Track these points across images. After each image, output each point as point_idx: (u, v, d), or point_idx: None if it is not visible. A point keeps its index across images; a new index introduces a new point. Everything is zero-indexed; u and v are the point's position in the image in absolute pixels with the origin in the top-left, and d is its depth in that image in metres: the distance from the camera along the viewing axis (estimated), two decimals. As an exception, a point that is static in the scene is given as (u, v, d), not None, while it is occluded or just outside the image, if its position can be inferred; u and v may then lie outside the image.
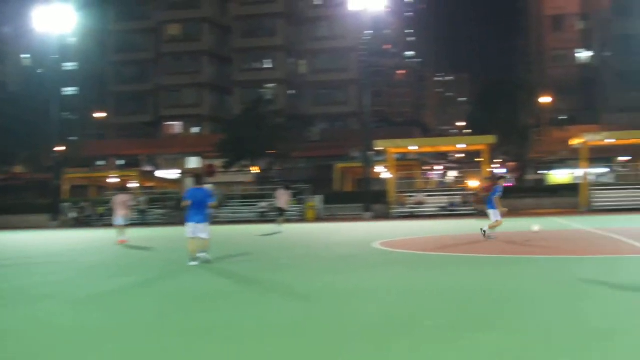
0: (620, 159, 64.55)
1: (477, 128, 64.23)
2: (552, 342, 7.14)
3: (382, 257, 17.95)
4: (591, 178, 52.25)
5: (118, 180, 60.93)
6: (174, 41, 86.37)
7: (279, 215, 33.30)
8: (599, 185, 51.87)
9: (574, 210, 46.54)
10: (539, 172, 73.82)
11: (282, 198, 33.13)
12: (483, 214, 43.20)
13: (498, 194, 21.63)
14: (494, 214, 21.61)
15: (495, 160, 70.78)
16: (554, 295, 10.33)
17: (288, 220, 38.51)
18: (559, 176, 71.25)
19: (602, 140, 50.70)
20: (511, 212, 44.89)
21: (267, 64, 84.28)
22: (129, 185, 58.95)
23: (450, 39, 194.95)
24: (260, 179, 66.43)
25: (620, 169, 60.86)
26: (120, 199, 26.81)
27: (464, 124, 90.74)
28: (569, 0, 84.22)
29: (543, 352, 6.78)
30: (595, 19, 79.16)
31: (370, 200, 49.09)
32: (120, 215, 26.31)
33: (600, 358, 6.58)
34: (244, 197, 56.17)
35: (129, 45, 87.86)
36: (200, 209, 16.03)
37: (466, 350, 6.99)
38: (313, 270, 15.29)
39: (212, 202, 16.53)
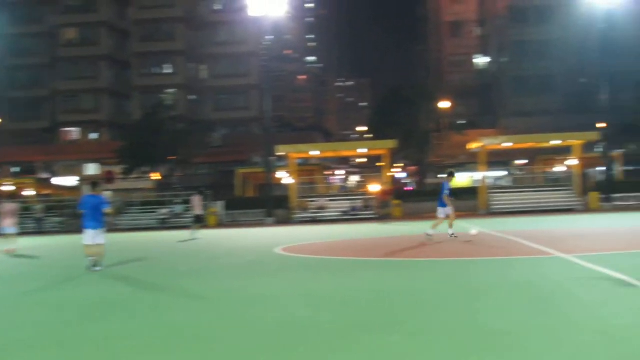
0: (518, 162, 66.14)
1: (378, 133, 64.78)
2: (451, 344, 7.19)
3: (285, 262, 17.88)
4: (490, 181, 53.31)
5: (13, 188, 59.11)
6: (71, 45, 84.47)
7: (194, 222, 32.78)
8: (497, 188, 52.96)
9: (473, 213, 47.35)
10: (439, 176, 74.91)
11: (198, 204, 32.66)
12: (385, 218, 43.83)
13: (446, 192, 21.83)
14: (442, 212, 21.77)
15: (396, 165, 71.60)
16: (454, 297, 10.45)
17: (187, 227, 37.99)
18: (458, 180, 72.39)
19: (500, 144, 51.75)
20: (412, 216, 45.57)
21: (167, 69, 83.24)
22: (23, 193, 57.26)
23: (351, 44, 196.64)
24: (160, 186, 65.52)
25: (518, 172, 62.38)
26: (7, 207, 26.04)
27: (365, 128, 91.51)
28: (466, 7, 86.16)
29: (442, 354, 6.82)
30: (492, 25, 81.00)
31: (272, 206, 48.94)
32: (7, 224, 25.54)
33: (498, 358, 6.64)
34: (144, 203, 55.19)
35: (24, 50, 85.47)
36: (95, 216, 16.03)
37: (367, 352, 7.00)
38: (216, 277, 15.09)
39: (108, 209, 16.44)
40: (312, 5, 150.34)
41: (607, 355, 6.57)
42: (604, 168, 51.92)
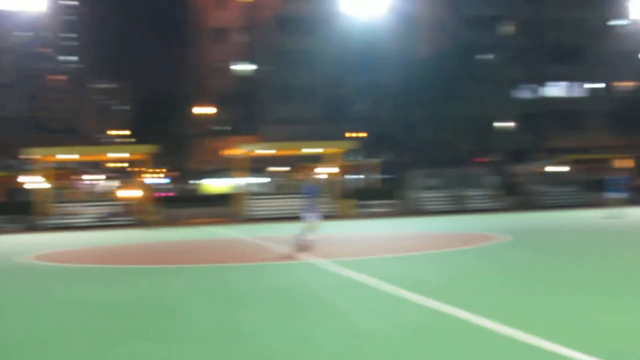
0: (278, 169, 66.96)
1: (138, 137, 63.52)
2: (206, 349, 7.21)
3: (34, 270, 17.13)
4: (249, 187, 53.46)
5: None
6: None
7: None
8: (255, 194, 53.14)
9: (230, 219, 47.24)
10: (197, 181, 74.66)
11: None
12: (144, 224, 42.62)
13: (315, 195, 20.78)
14: (310, 217, 20.53)
15: (156, 170, 70.41)
16: (209, 303, 10.48)
17: None
18: (217, 185, 72.42)
19: (259, 151, 52.09)
20: (172, 222, 44.91)
21: None
22: None
23: (115, 46, 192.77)
24: None
25: (277, 179, 63.14)
26: None
27: (126, 132, 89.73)
28: (231, 14, 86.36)
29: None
30: (256, 34, 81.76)
31: (20, 211, 46.40)
32: None
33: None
34: None
35: None
36: None
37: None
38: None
39: None
40: (74, 3, 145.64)
41: (359, 359, 6.59)
42: (361, 176, 53.63)
